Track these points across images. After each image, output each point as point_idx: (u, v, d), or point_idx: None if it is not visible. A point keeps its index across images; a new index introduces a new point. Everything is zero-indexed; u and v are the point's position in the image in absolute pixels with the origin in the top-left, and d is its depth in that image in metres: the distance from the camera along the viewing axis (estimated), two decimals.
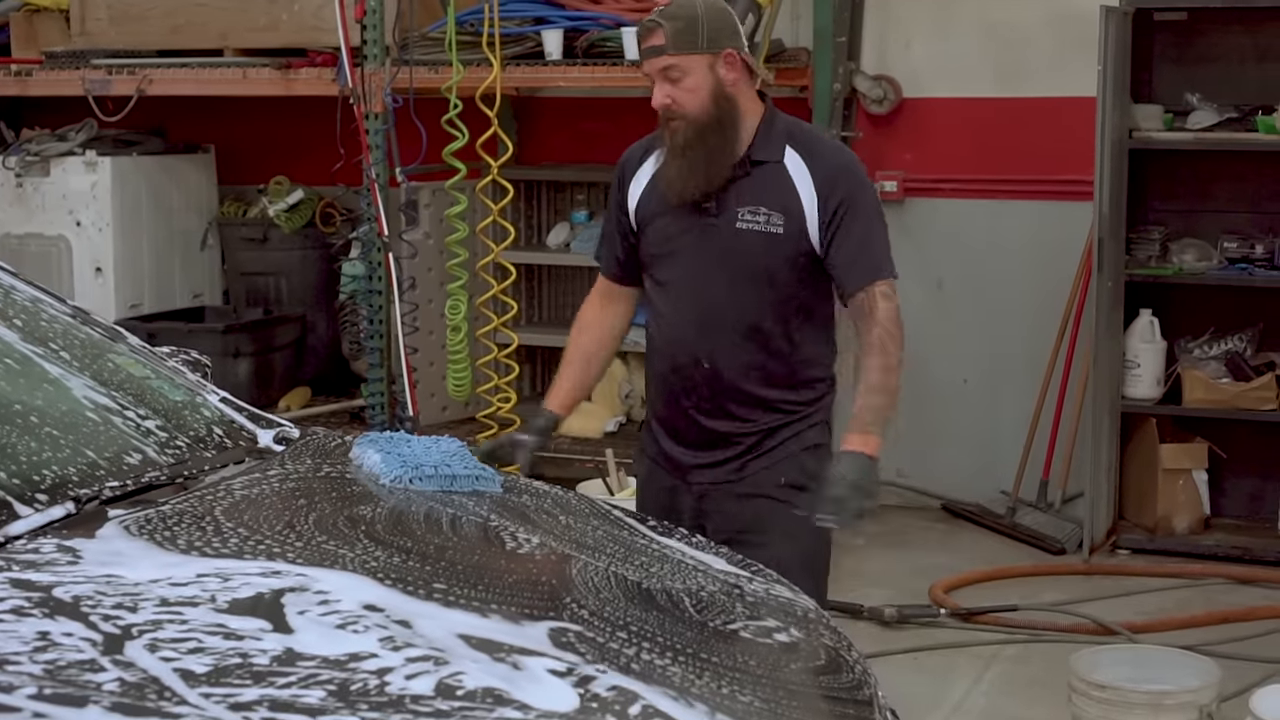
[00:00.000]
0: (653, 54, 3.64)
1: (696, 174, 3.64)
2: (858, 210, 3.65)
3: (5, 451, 2.85)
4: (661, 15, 3.65)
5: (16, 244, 7.21)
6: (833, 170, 3.67)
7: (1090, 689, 4.06)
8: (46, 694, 2.12)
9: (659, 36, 3.62)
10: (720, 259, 3.68)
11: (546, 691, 2.29)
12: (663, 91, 3.63)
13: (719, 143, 3.64)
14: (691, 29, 3.60)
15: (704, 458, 3.77)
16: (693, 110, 3.62)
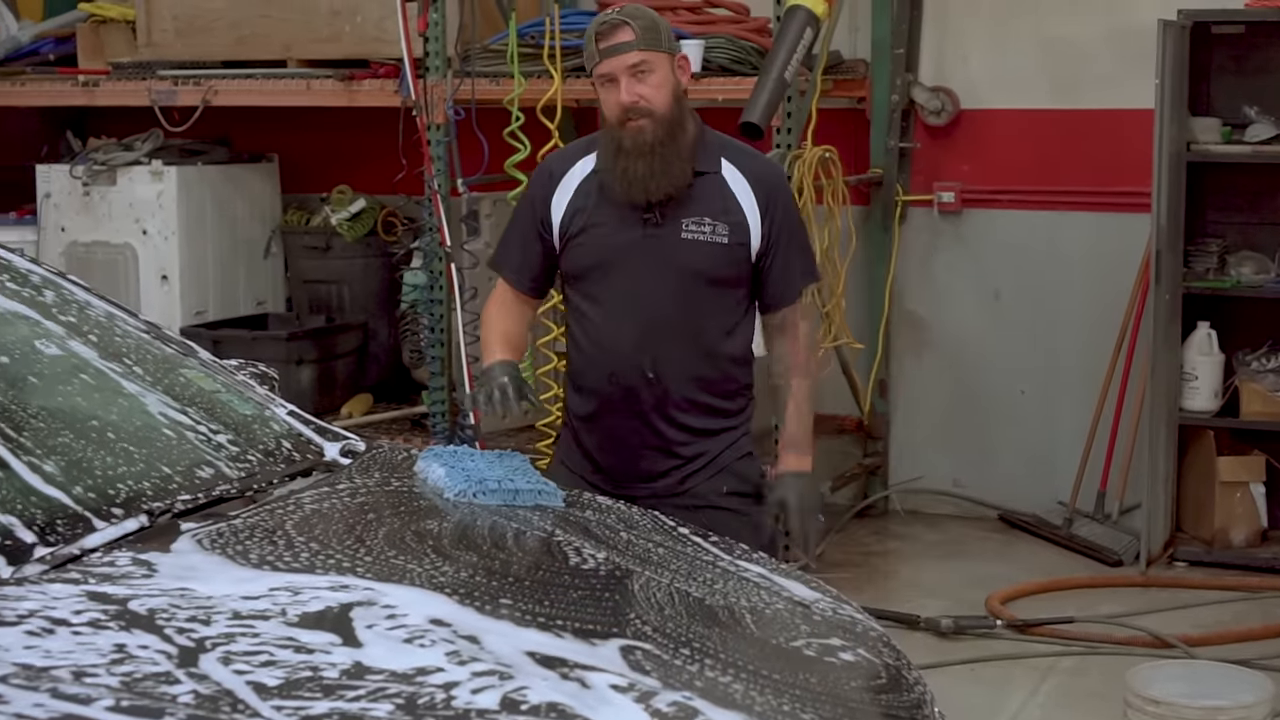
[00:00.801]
0: (621, 50, 3.65)
1: (670, 171, 3.68)
2: (793, 224, 3.84)
3: (81, 465, 2.92)
4: (623, 14, 3.68)
5: (84, 251, 7.32)
6: (769, 182, 3.80)
7: (1145, 705, 4.08)
8: (124, 706, 2.19)
9: (626, 33, 3.65)
10: (665, 269, 3.73)
11: (609, 707, 2.34)
12: (631, 89, 3.65)
13: (684, 142, 3.70)
14: (656, 27, 3.69)
15: (643, 469, 3.82)
16: (660, 107, 3.66)
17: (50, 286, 3.47)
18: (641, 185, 3.68)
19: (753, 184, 3.76)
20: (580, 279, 3.84)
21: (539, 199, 3.85)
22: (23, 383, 3.10)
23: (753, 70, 6.17)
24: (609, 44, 3.66)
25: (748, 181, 3.76)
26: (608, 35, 3.67)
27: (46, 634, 2.37)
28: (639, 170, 3.68)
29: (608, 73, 3.68)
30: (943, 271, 7.07)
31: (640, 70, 3.65)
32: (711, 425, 3.82)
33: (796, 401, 3.84)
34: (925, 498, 7.16)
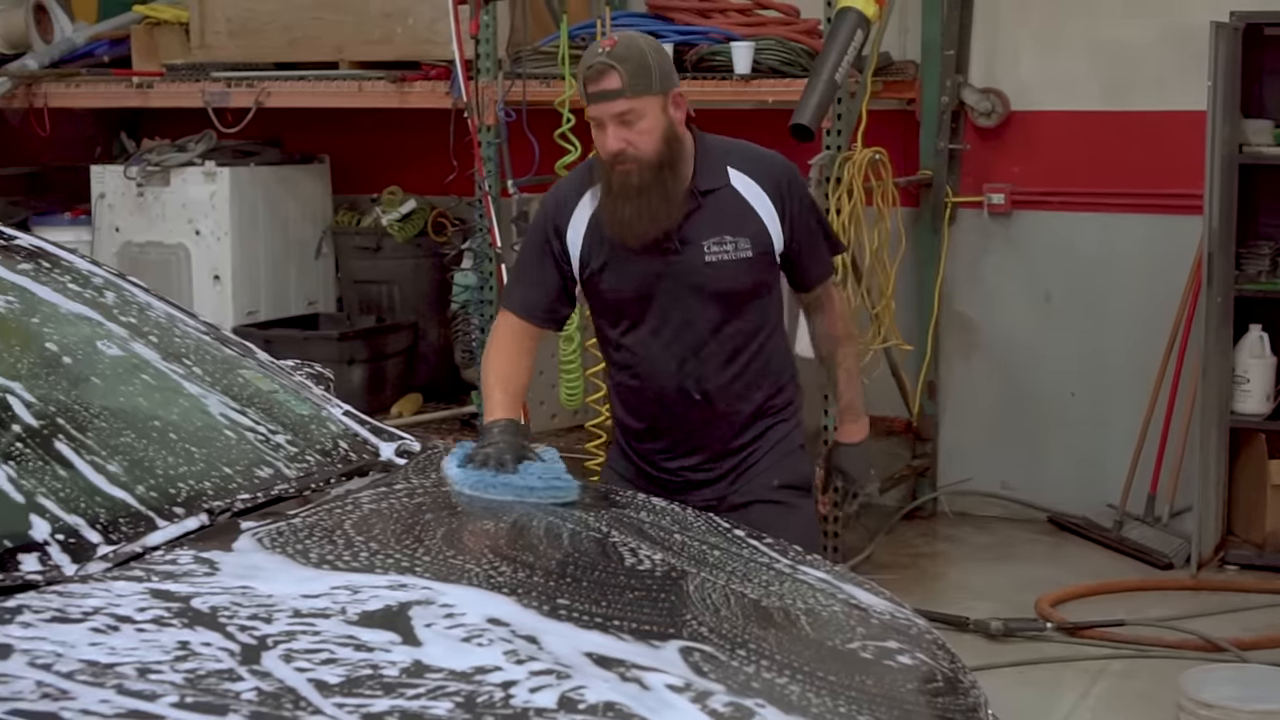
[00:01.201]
0: (608, 98, 3.55)
1: (655, 215, 3.61)
2: (809, 207, 3.80)
3: (143, 465, 2.96)
4: (611, 57, 3.55)
5: (138, 252, 7.39)
6: (778, 178, 3.73)
7: (1198, 708, 4.07)
8: (189, 702, 2.22)
9: (613, 79, 3.54)
10: (695, 295, 3.68)
11: (666, 707, 2.36)
12: (618, 136, 3.56)
13: (672, 182, 3.62)
14: (645, 70, 3.55)
15: (699, 476, 3.82)
16: (647, 152, 3.57)
17: (111, 288, 3.51)
18: (629, 228, 3.63)
19: (764, 186, 3.70)
20: (609, 311, 3.81)
21: (554, 230, 3.77)
22: (86, 383, 3.15)
23: (803, 72, 6.18)
24: (596, 89, 3.57)
25: (759, 185, 3.70)
26: (595, 80, 3.57)
27: (111, 631, 2.41)
28: (626, 213, 3.62)
29: (595, 117, 3.60)
30: (992, 273, 7.06)
31: (627, 118, 3.55)
32: (761, 425, 3.83)
33: (845, 369, 3.91)
34: (974, 500, 7.15)
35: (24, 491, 2.75)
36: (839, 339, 3.92)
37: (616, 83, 3.53)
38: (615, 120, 3.56)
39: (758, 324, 3.78)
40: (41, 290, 3.35)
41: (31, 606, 2.47)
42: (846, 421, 3.99)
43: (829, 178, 6.10)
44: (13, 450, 2.84)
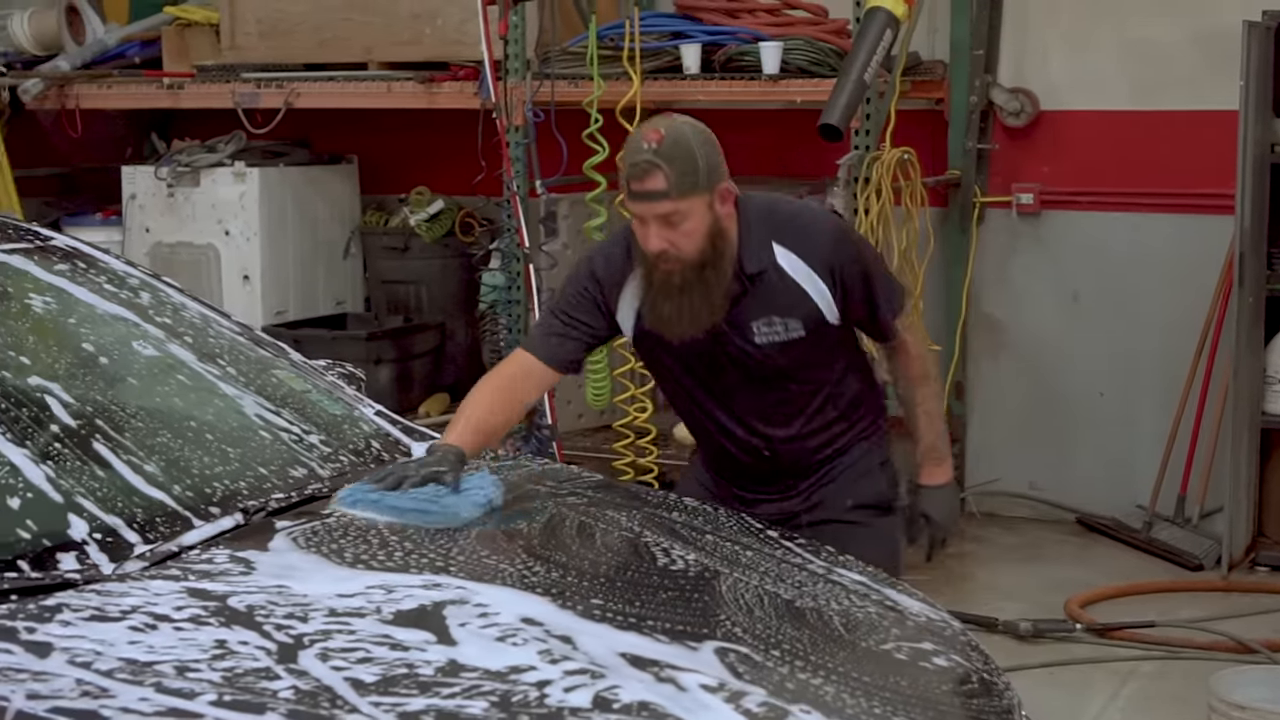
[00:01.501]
0: (653, 198, 3.34)
1: (696, 315, 3.46)
2: (860, 268, 3.57)
3: (179, 465, 2.98)
4: (658, 155, 3.33)
5: (168, 252, 7.42)
6: (827, 251, 3.52)
7: (1230, 710, 4.06)
8: (227, 701, 2.24)
9: (659, 180, 3.32)
10: (749, 372, 3.57)
11: (701, 707, 2.37)
12: (660, 236, 3.37)
13: (715, 279, 3.44)
14: (693, 169, 3.34)
15: (771, 495, 3.73)
16: (689, 252, 3.40)
17: (146, 288, 3.53)
18: (669, 326, 3.48)
19: (812, 264, 3.51)
20: (665, 380, 3.72)
21: (602, 303, 3.57)
22: (122, 383, 3.17)
23: (831, 72, 6.17)
24: (640, 188, 3.35)
25: (807, 264, 3.50)
26: (639, 178, 3.35)
27: (149, 629, 2.43)
28: (665, 311, 3.47)
29: (637, 213, 3.41)
30: (1021, 273, 7.05)
31: (671, 219, 3.35)
32: (839, 447, 3.73)
33: (925, 410, 3.73)
34: (1002, 500, 7.13)
35: (62, 491, 2.78)
36: (915, 381, 3.73)
37: (662, 184, 3.33)
38: (659, 220, 3.37)
39: (824, 378, 3.64)
40: (78, 291, 3.37)
41: (70, 605, 2.49)
42: (929, 464, 3.79)
43: (857, 178, 6.10)
44: (51, 450, 2.86)
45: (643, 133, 3.41)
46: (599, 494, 3.32)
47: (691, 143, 3.37)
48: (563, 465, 3.65)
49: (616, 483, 3.54)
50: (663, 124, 3.41)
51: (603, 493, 3.35)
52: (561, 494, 3.29)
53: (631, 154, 3.38)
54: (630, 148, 3.41)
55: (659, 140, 3.35)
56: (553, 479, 3.40)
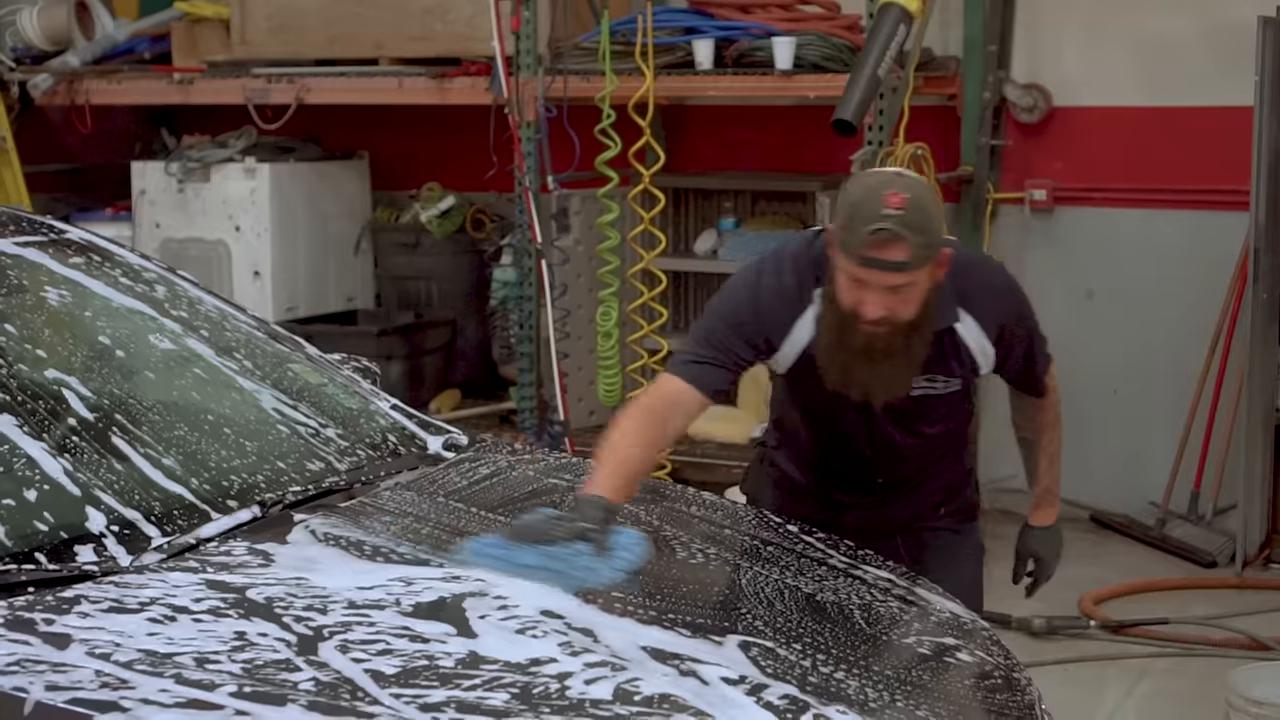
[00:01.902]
0: (888, 268, 3.10)
1: (891, 384, 3.30)
2: (1026, 331, 3.47)
3: (196, 458, 2.97)
4: (904, 226, 3.06)
5: (178, 248, 7.40)
6: (1001, 313, 3.39)
7: (1248, 705, 4.04)
8: (247, 692, 2.22)
9: (902, 251, 3.08)
10: (894, 419, 3.44)
11: (722, 700, 2.35)
12: (883, 303, 3.14)
13: (918, 345, 3.27)
14: (934, 240, 3.13)
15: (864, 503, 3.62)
16: (905, 319, 3.20)
17: (162, 282, 3.52)
18: (860, 389, 3.30)
19: (988, 330, 3.36)
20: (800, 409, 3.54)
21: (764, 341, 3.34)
22: (139, 376, 3.16)
23: (844, 68, 6.16)
24: (877, 256, 3.09)
25: (979, 326, 3.35)
26: (879, 246, 3.08)
27: (168, 621, 2.42)
28: (860, 375, 3.27)
29: (863, 278, 3.13)
30: (1034, 270, 7.01)
31: (899, 290, 3.14)
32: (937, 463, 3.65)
33: (1048, 454, 3.69)
34: (1016, 497, 7.08)
35: (79, 484, 2.76)
36: (1045, 426, 3.66)
37: (903, 256, 3.08)
38: (886, 289, 3.14)
39: (951, 425, 3.56)
40: (94, 284, 3.36)
41: (89, 597, 2.48)
42: (1043, 506, 3.77)
43: None
44: (68, 443, 2.85)
45: (880, 192, 3.11)
46: None
47: (932, 211, 3.15)
48: (579, 459, 3.62)
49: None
50: (900, 185, 3.13)
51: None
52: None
53: (868, 214, 3.09)
54: (865, 203, 3.11)
55: (903, 206, 3.08)
56: (570, 473, 3.38)
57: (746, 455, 5.94)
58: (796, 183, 7.12)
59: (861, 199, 3.12)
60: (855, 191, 3.17)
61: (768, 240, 6.38)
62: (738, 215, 7.34)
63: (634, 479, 3.11)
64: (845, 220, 3.13)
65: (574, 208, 6.81)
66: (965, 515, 3.72)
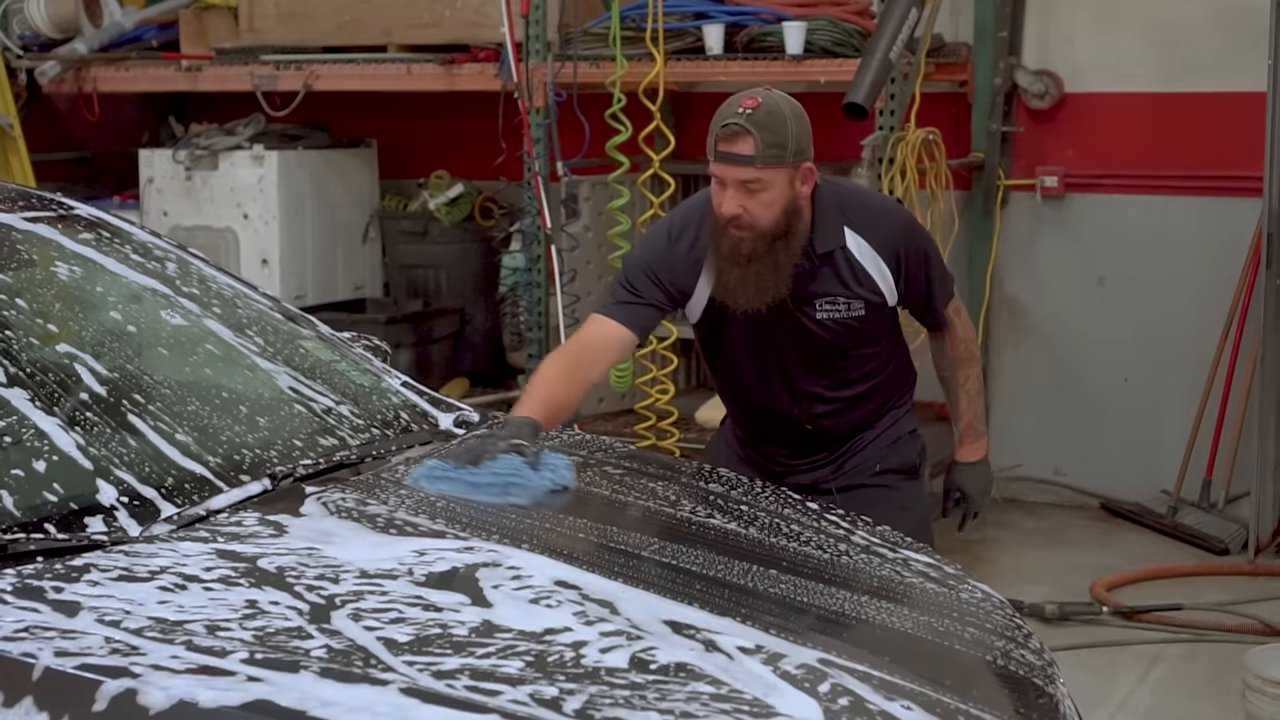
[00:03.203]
0: (736, 162, 3.37)
1: (761, 286, 3.48)
2: (922, 256, 3.65)
3: (207, 433, 2.95)
4: (750, 121, 3.35)
5: (186, 236, 7.37)
6: (894, 240, 3.58)
7: (1266, 686, 4.01)
8: (259, 659, 2.20)
9: (746, 144, 3.35)
10: (806, 347, 3.61)
11: (738, 668, 2.33)
12: (735, 201, 3.40)
13: (784, 254, 3.47)
14: (782, 142, 3.37)
15: (802, 465, 3.78)
16: (764, 224, 3.43)
17: (172, 259, 3.50)
18: (731, 293, 3.51)
19: (880, 249, 3.56)
20: (716, 354, 3.73)
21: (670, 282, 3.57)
22: (150, 351, 3.15)
23: (855, 53, 6.13)
24: (726, 149, 3.38)
25: (874, 248, 3.56)
26: (727, 140, 3.37)
27: (179, 589, 2.40)
28: (731, 279, 3.49)
29: (718, 176, 3.42)
30: (1044, 257, 7.00)
31: (751, 186, 3.38)
32: (870, 420, 3.78)
33: (966, 392, 3.82)
34: (1026, 486, 7.08)
35: (90, 456, 2.74)
36: (958, 362, 3.81)
37: (749, 149, 3.35)
38: (738, 185, 3.39)
39: (872, 356, 3.70)
40: (105, 259, 3.34)
41: (98, 565, 2.46)
42: (966, 442, 3.88)
43: (881, 158, 6.05)
44: (78, 416, 2.83)
45: (739, 97, 3.41)
46: (634, 465, 3.29)
47: (786, 115, 3.40)
48: (596, 436, 3.61)
49: (651, 453, 3.52)
50: (760, 93, 3.43)
51: (637, 463, 3.31)
52: (595, 464, 3.25)
53: (724, 115, 3.39)
54: (724, 109, 3.41)
55: (754, 107, 3.37)
56: (586, 449, 3.36)
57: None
58: None
59: (725, 105, 3.43)
60: (724, 104, 3.45)
61: None
62: None
63: (558, 411, 3.39)
64: (711, 126, 3.43)
65: (584, 193, 6.79)
66: (905, 474, 3.81)
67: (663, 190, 6.45)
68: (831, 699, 2.28)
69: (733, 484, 3.26)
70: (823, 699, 2.27)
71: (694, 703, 2.20)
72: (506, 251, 7.25)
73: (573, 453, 3.26)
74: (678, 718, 2.16)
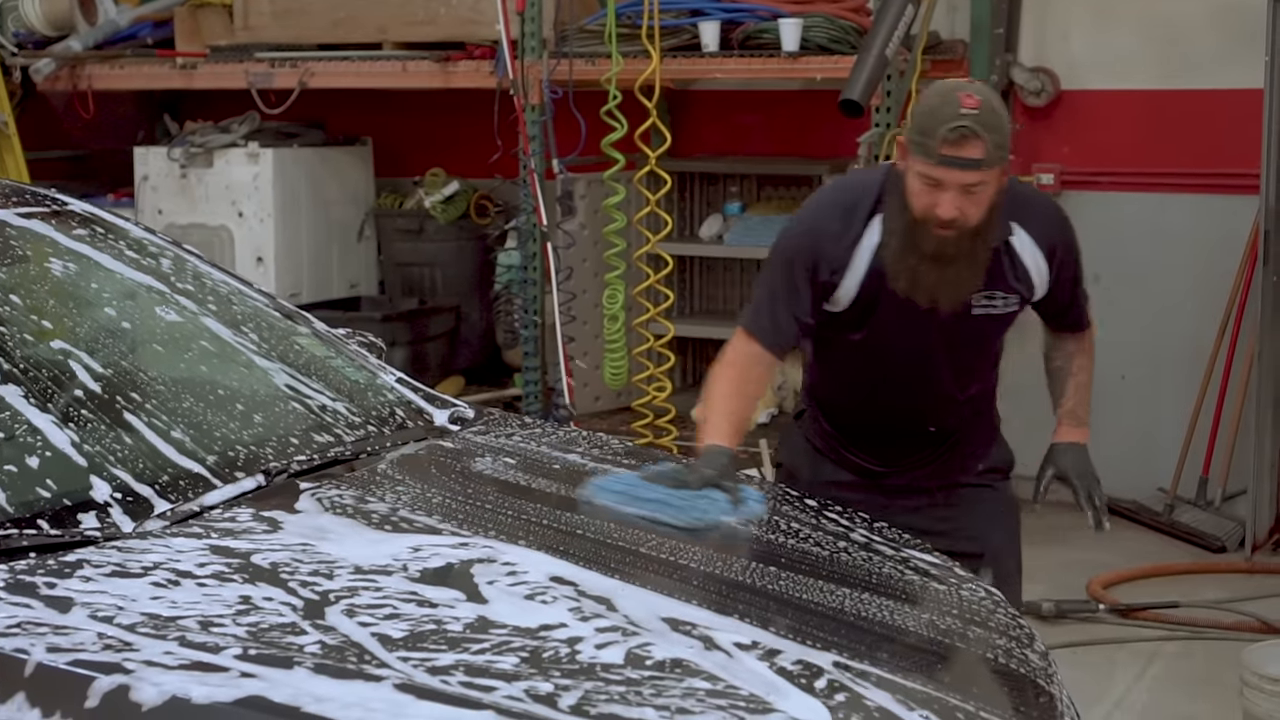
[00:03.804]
0: (966, 167, 3.19)
1: (961, 284, 3.36)
2: (1075, 255, 3.58)
3: (202, 429, 2.94)
4: (979, 124, 3.18)
5: (180, 234, 7.35)
6: (1053, 230, 3.50)
7: (1263, 683, 4.00)
8: (252, 655, 2.18)
9: (978, 149, 3.18)
10: (949, 342, 3.48)
11: (735, 664, 2.32)
12: (955, 204, 3.23)
13: (984, 250, 3.35)
14: (1005, 143, 3.24)
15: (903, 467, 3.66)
16: (975, 223, 3.28)
17: (166, 255, 3.49)
18: (928, 293, 3.36)
19: (1041, 245, 3.46)
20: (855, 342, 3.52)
21: (817, 269, 3.40)
22: (145, 347, 3.13)
23: (851, 50, 6.13)
24: (955, 154, 3.19)
25: (1036, 243, 3.45)
26: (956, 144, 3.18)
27: (172, 585, 2.38)
28: (930, 278, 3.34)
29: (938, 179, 3.23)
30: None
31: (973, 189, 3.23)
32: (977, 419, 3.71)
33: (1078, 381, 3.72)
34: (1021, 484, 7.05)
35: (83, 452, 2.73)
36: (1076, 354, 3.70)
37: (979, 153, 3.19)
38: (961, 188, 3.22)
39: (999, 351, 3.64)
40: (99, 255, 3.33)
41: (91, 561, 2.45)
42: (1065, 424, 3.74)
43: (878, 155, 6.04)
44: (72, 412, 2.82)
45: (955, 95, 3.22)
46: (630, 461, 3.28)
47: (1003, 113, 3.28)
48: (591, 432, 3.59)
49: (647, 450, 3.50)
50: (973, 89, 3.27)
51: (634, 460, 3.30)
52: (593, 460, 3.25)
53: (946, 115, 3.19)
54: (942, 109, 3.21)
55: (977, 106, 3.20)
56: (582, 445, 3.35)
57: (754, 440, 5.93)
58: (802, 167, 7.09)
59: (938, 103, 3.24)
60: (930, 98, 3.29)
61: (773, 225, 6.34)
62: (743, 199, 7.32)
63: (741, 427, 3.32)
64: (921, 124, 3.24)
65: (579, 191, 6.78)
66: (1002, 472, 3.76)
67: (659, 187, 6.44)
68: (829, 695, 2.27)
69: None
70: (819, 694, 2.26)
71: (690, 699, 2.19)
72: (502, 249, 7.24)
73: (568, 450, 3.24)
74: (673, 714, 2.15)
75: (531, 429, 3.48)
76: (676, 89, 7.17)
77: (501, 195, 7.51)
